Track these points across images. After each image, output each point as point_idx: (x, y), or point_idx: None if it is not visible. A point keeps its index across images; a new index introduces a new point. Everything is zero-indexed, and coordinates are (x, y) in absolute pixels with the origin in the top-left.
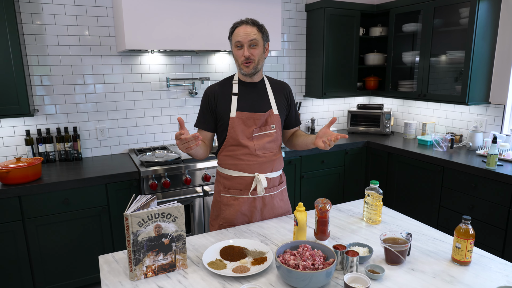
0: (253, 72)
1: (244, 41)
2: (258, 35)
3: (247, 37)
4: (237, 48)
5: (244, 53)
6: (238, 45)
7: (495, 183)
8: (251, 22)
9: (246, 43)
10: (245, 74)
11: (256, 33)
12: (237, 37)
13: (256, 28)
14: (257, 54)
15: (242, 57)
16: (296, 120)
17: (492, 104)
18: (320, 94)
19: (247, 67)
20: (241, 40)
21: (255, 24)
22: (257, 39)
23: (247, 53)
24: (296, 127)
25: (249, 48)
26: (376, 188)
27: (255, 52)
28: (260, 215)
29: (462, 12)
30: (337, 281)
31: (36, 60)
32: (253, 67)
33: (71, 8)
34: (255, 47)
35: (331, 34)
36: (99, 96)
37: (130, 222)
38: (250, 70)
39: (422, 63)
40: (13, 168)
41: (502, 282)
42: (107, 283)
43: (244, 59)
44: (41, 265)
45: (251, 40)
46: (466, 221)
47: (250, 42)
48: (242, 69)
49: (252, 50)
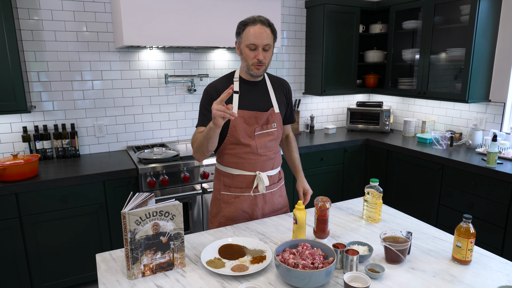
0: (263, 73)
1: (259, 44)
2: (271, 39)
3: (262, 40)
4: (249, 49)
5: (259, 56)
6: (252, 47)
7: (495, 181)
8: (266, 23)
9: (261, 46)
10: (254, 76)
11: (270, 36)
12: (251, 38)
13: (270, 29)
14: (269, 57)
15: (255, 59)
16: (291, 117)
17: (492, 102)
18: (319, 91)
19: (258, 69)
20: (256, 43)
21: (270, 25)
22: (271, 43)
23: (261, 57)
24: (290, 124)
25: (263, 51)
26: (376, 186)
27: (267, 55)
28: (261, 212)
29: (463, 9)
30: (336, 280)
31: (33, 56)
32: (263, 69)
33: (68, 3)
34: (268, 50)
35: (331, 31)
36: (97, 93)
37: (127, 220)
38: (260, 72)
39: (422, 60)
40: (10, 165)
41: (503, 282)
42: (104, 282)
43: (256, 61)
44: (38, 263)
45: (266, 44)
46: (467, 220)
47: (264, 46)
48: (252, 71)
49: (265, 53)
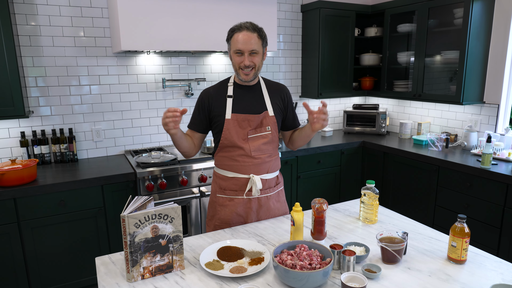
0: (253, 79)
1: (244, 49)
2: (258, 43)
3: (248, 46)
4: (236, 55)
5: (245, 62)
6: (238, 52)
7: (490, 182)
8: (251, 28)
9: (246, 52)
10: (242, 81)
11: (257, 41)
12: (237, 44)
13: (256, 34)
14: (257, 61)
15: (242, 64)
16: (295, 121)
17: (486, 104)
18: (316, 94)
19: (247, 75)
20: (241, 48)
21: (256, 30)
22: (257, 48)
23: (248, 62)
24: (295, 128)
25: (249, 56)
26: (372, 188)
27: (255, 60)
28: (256, 216)
29: (456, 13)
30: (334, 280)
31: (31, 61)
32: (253, 74)
33: (66, 9)
34: (256, 55)
35: (327, 34)
36: (95, 97)
37: (127, 223)
38: (250, 77)
39: (417, 63)
40: (8, 170)
41: (497, 280)
42: (104, 285)
43: (243, 66)
44: (37, 268)
45: (251, 50)
46: (461, 220)
47: (250, 51)
48: (240, 76)
49: (252, 57)
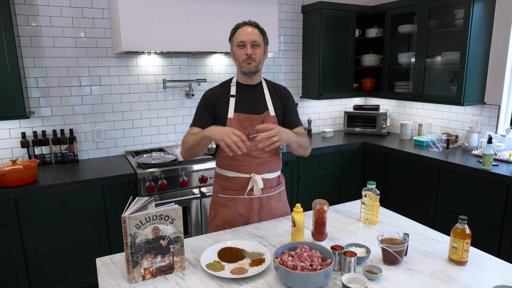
0: (254, 70)
1: (247, 40)
2: (259, 37)
3: (250, 37)
4: (239, 48)
5: (247, 51)
6: (241, 44)
7: (491, 183)
8: (253, 24)
9: (249, 43)
10: (246, 72)
11: (258, 35)
12: (239, 37)
13: (258, 30)
14: (259, 54)
15: (245, 55)
16: (296, 120)
17: (487, 105)
18: (316, 95)
19: (249, 64)
20: (244, 40)
21: (257, 26)
22: (259, 41)
23: (250, 51)
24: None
25: (251, 48)
26: (373, 189)
27: (256, 52)
28: (257, 216)
29: (457, 14)
30: (335, 281)
31: (32, 62)
32: (254, 65)
33: (67, 9)
34: (257, 47)
35: (327, 35)
36: (95, 98)
37: (128, 224)
38: (251, 67)
39: (418, 64)
40: (8, 171)
41: (498, 281)
42: (105, 286)
43: (246, 57)
44: (37, 269)
45: (253, 41)
46: (462, 221)
47: (252, 43)
48: (243, 67)
49: (254, 49)
